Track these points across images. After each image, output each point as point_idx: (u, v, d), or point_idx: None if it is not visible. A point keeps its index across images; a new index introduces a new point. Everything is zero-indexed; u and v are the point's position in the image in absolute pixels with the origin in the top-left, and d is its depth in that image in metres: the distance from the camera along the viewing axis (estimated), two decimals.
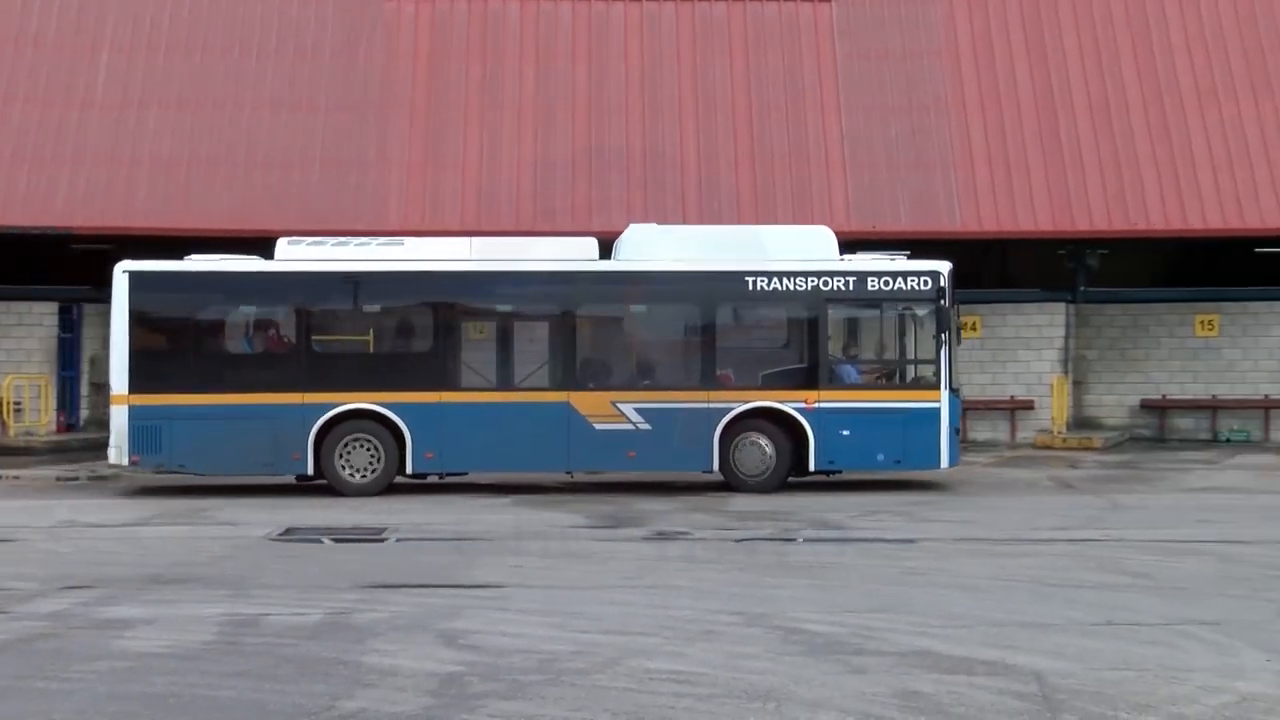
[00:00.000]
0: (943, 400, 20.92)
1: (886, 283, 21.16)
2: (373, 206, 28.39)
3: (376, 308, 22.31)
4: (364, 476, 21.02)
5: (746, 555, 15.50)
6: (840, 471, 21.55)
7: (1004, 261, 32.97)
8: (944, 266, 21.10)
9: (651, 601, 12.55)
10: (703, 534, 17.01)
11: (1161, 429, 29.41)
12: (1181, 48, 29.47)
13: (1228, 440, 28.72)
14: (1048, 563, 14.68)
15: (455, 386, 21.40)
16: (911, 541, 16.34)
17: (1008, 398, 28.88)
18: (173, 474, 21.59)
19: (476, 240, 22.36)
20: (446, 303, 21.64)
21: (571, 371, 21.52)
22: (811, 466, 21.13)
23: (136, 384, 20.90)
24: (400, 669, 9.92)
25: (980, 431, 28.45)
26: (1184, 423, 29.46)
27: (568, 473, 22.07)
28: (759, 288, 21.18)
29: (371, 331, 22.32)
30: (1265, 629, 11.24)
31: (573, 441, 21.05)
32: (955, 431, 21.26)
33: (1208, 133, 28.50)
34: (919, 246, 24.19)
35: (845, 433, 20.93)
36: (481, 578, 14.01)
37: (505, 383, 21.73)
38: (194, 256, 21.63)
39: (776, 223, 26.09)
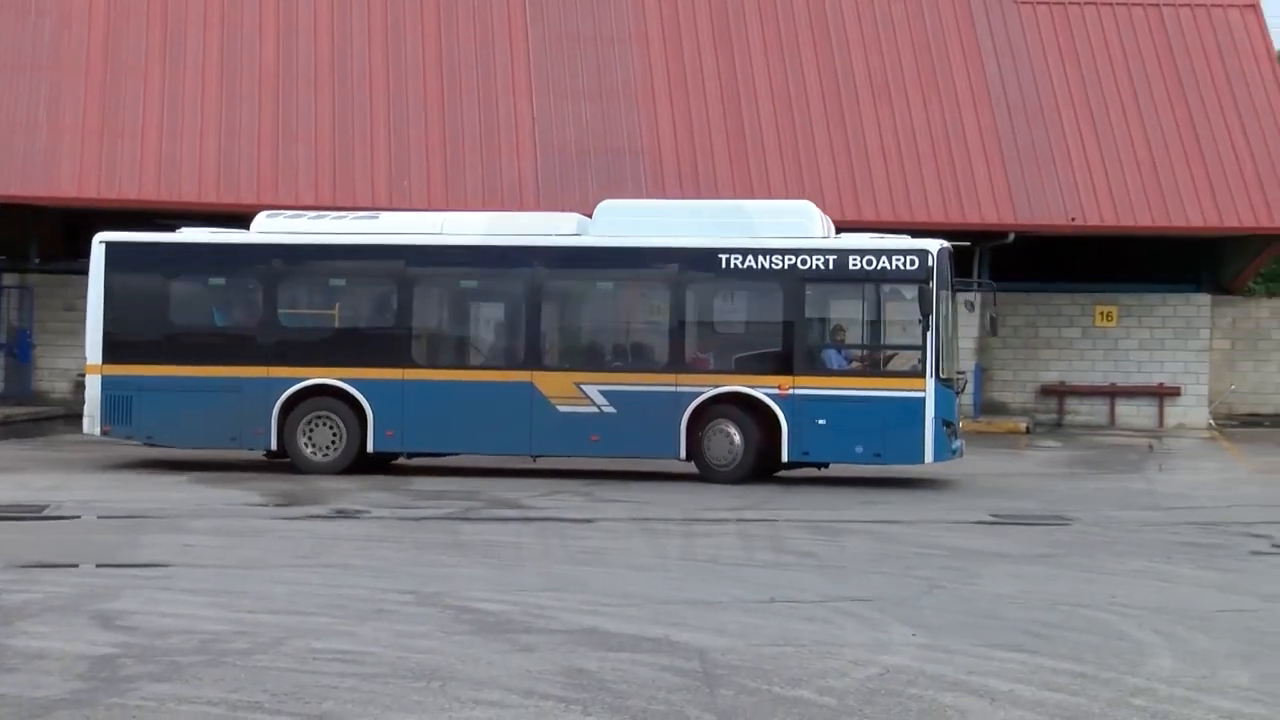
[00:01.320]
0: (928, 390, 19.10)
1: (870, 262, 19.45)
2: (43, 173, 27.28)
3: (341, 281, 21.23)
4: (325, 455, 20.23)
5: (425, 534, 15.42)
6: (826, 465, 20.29)
7: None
8: (934, 246, 19.42)
9: (325, 581, 12.34)
10: (381, 512, 16.85)
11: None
12: (858, 42, 30.43)
13: None
14: (723, 542, 15.05)
15: (417, 364, 20.49)
16: (590, 521, 16.51)
17: None
18: (154, 447, 21.17)
19: (451, 215, 21.90)
20: (409, 277, 20.60)
21: (535, 351, 20.44)
22: (784, 457, 19.54)
23: (109, 354, 20.56)
24: (49, 651, 9.50)
25: None
26: None
27: (531, 457, 20.74)
28: (733, 266, 19.72)
29: (337, 306, 21.34)
30: (912, 605, 11.70)
31: (535, 424, 19.94)
32: (944, 424, 19.34)
33: (880, 127, 29.51)
34: None
35: (821, 422, 19.26)
36: (148, 557, 13.57)
37: (467, 361, 20.94)
38: (185, 230, 21.39)
39: (467, 207, 25.93)
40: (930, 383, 19.03)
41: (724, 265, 19.67)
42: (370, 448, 20.20)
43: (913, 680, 9.09)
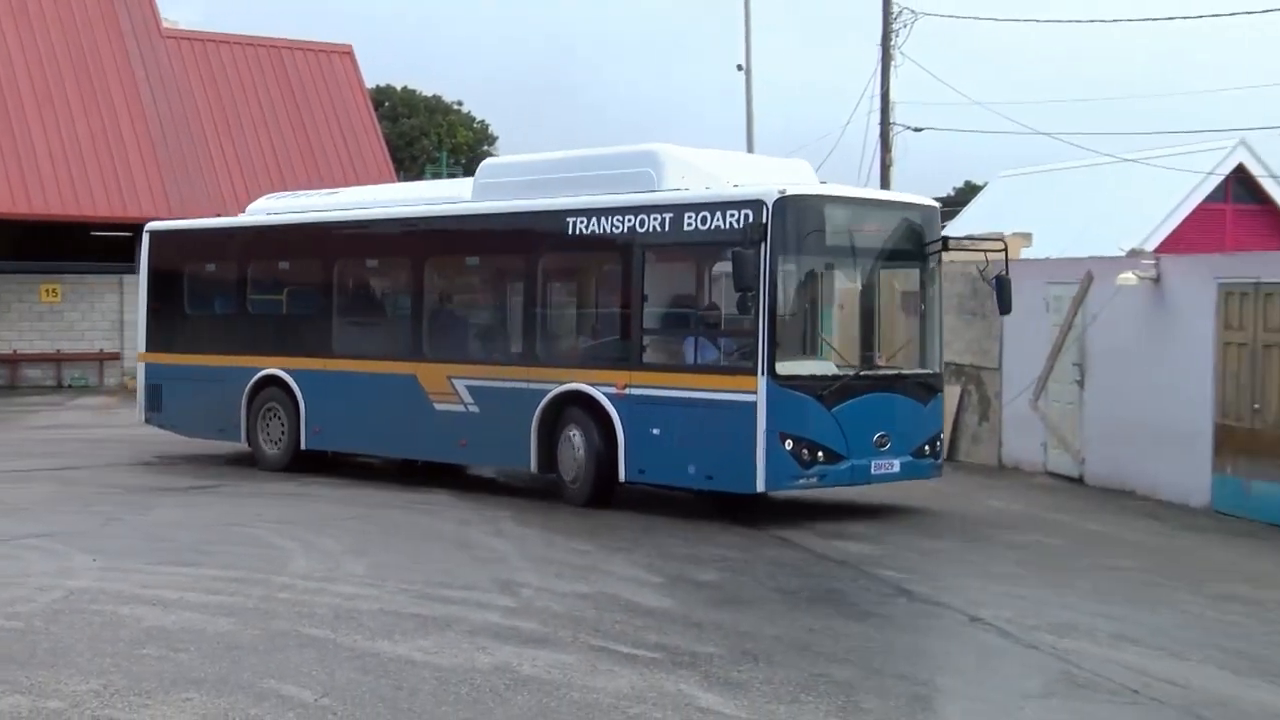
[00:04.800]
0: (759, 392, 11.34)
1: (704, 219, 11.83)
2: None
3: (286, 265, 16.21)
4: (275, 448, 15.40)
5: None
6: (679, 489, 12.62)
7: None
8: (770, 195, 11.44)
9: None
10: None
11: (13, 379, 27.96)
12: (22, 64, 28.35)
13: (70, 386, 28.02)
14: None
15: (330, 353, 15.09)
16: None
17: None
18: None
19: (379, 187, 17.64)
20: (328, 258, 15.48)
21: (418, 339, 14.37)
22: (621, 475, 12.32)
23: (149, 342, 16.94)
24: None
25: None
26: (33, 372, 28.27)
27: (415, 461, 15.09)
28: (578, 231, 12.75)
29: (285, 291, 16.18)
30: (93, 536, 11.08)
31: (417, 423, 13.94)
32: (785, 438, 11.38)
33: (47, 135, 27.65)
34: None
35: (655, 432, 12.04)
36: None
37: (365, 351, 14.90)
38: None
39: None
40: (762, 382, 11.37)
41: (570, 231, 12.83)
42: (303, 444, 15.08)
43: (94, 599, 8.62)
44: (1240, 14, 20.57)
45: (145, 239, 17.29)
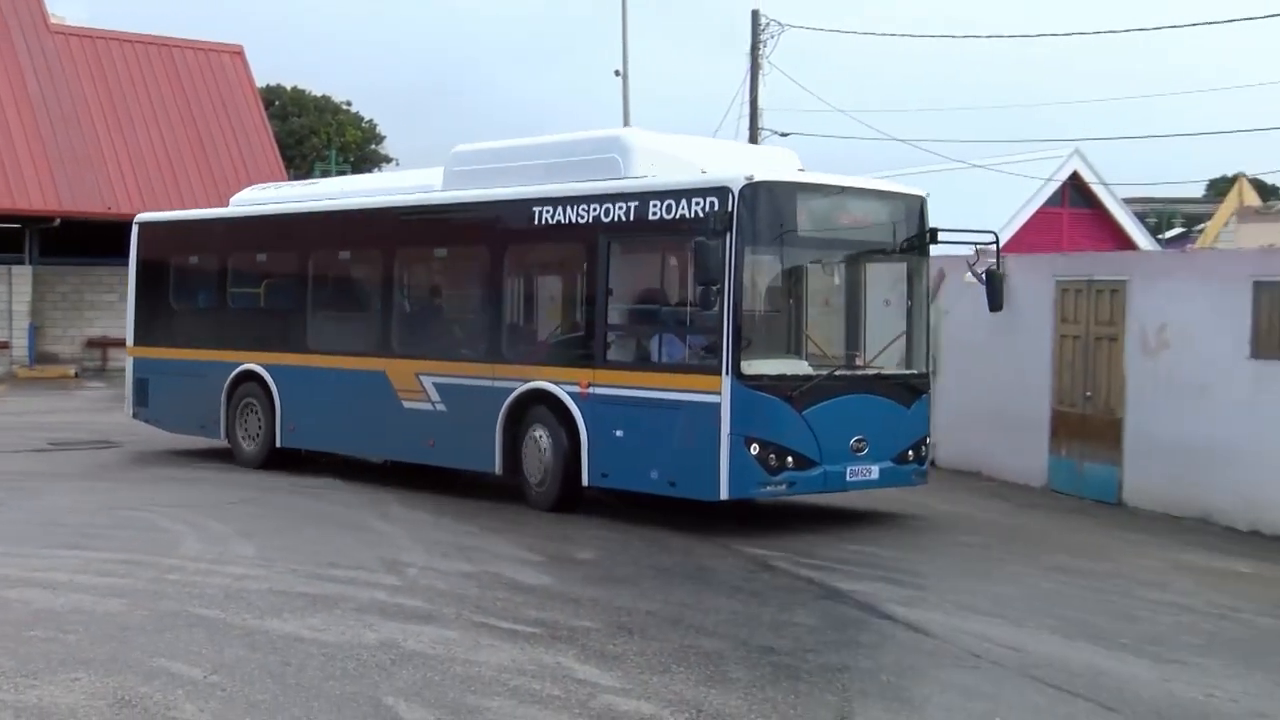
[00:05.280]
0: (724, 392, 10.14)
1: (669, 207, 10.61)
2: None
3: (262, 257, 14.95)
4: (253, 444, 14.27)
5: None
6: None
7: None
8: (736, 182, 10.22)
9: None
10: None
11: None
12: None
13: None
14: None
15: (305, 349, 13.85)
16: None
17: None
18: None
19: (353, 179, 15.99)
20: (301, 250, 14.21)
21: (388, 335, 13.17)
22: (584, 479, 11.12)
23: (137, 336, 15.76)
24: None
25: None
26: None
27: (383, 461, 13.91)
28: (542, 221, 11.61)
29: (262, 285, 14.95)
30: None
31: (387, 422, 12.79)
32: (751, 442, 10.17)
33: None
34: None
35: (619, 434, 10.86)
36: None
37: (338, 347, 13.63)
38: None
39: None
40: (727, 382, 10.16)
41: (534, 221, 11.72)
42: (278, 442, 13.93)
43: None
44: (1076, 34, 21.19)
45: (134, 229, 16.08)
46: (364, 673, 6.60)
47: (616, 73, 25.61)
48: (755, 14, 25.01)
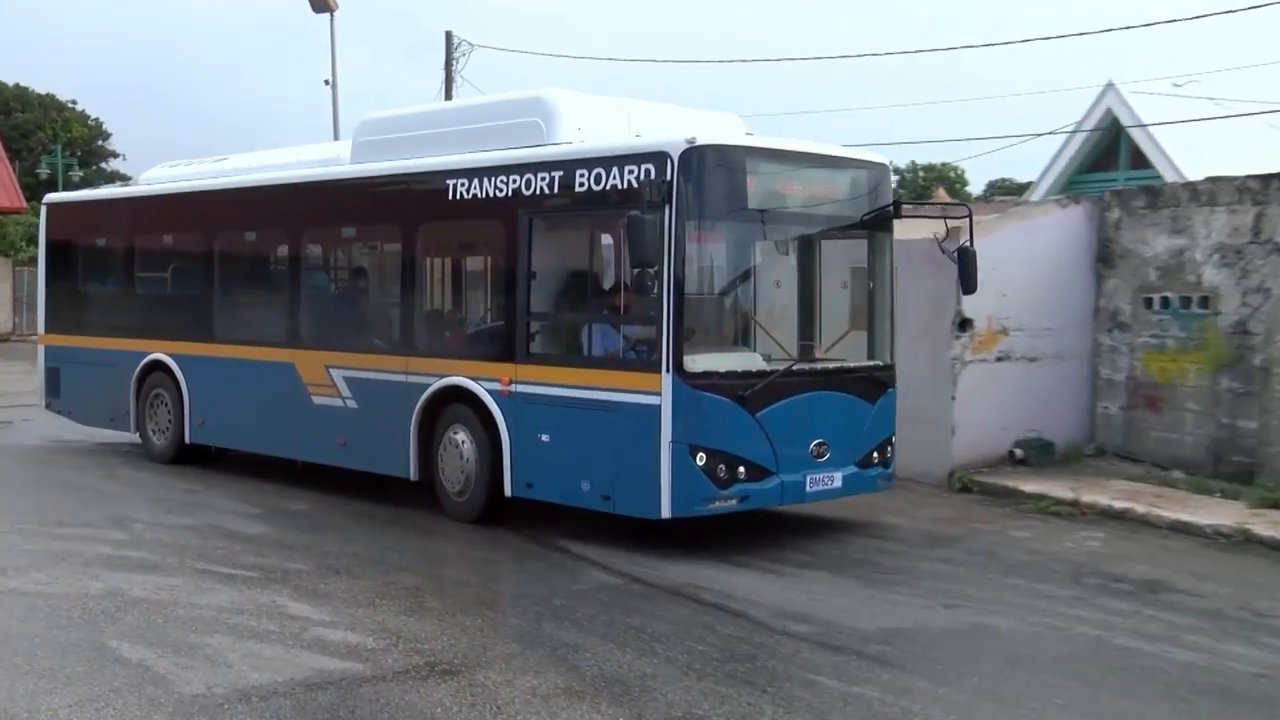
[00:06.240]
0: (664, 391, 7.91)
1: (599, 177, 8.31)
2: None
3: (168, 239, 12.38)
4: (163, 438, 12.02)
5: None
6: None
7: None
8: (675, 147, 7.91)
9: None
10: None
11: None
12: None
13: None
14: None
15: (212, 337, 11.50)
16: None
17: None
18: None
19: (265, 153, 11.89)
20: (205, 231, 11.72)
21: (296, 322, 10.80)
22: (506, 488, 8.85)
23: (49, 323, 13.43)
24: None
25: None
26: None
27: (295, 462, 11.07)
28: (457, 195, 9.20)
29: (168, 268, 12.48)
30: None
31: (296, 419, 10.42)
32: (696, 451, 7.93)
33: None
34: None
35: (545, 438, 8.62)
36: None
37: (245, 335, 11.21)
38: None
39: None
40: (667, 381, 7.92)
41: (449, 196, 9.32)
42: (187, 437, 11.65)
43: None
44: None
45: (43, 211, 13.96)
46: (89, 620, 6.52)
47: (326, 82, 25.38)
48: (449, 34, 26.15)
